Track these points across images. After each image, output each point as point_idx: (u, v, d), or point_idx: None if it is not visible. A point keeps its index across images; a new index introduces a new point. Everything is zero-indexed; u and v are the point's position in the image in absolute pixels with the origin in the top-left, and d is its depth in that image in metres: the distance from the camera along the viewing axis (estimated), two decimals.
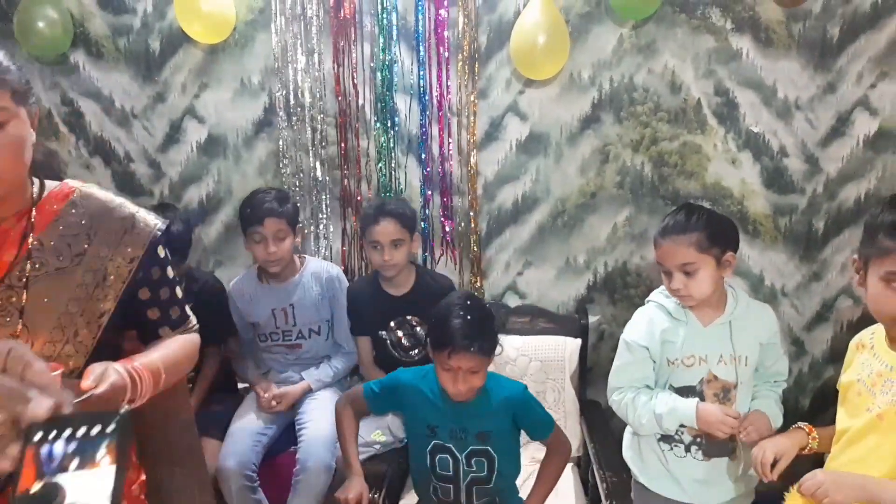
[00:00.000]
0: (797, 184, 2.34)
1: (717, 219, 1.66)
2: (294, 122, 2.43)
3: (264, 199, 2.15)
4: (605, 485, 1.89)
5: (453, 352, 1.55)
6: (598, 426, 2.25)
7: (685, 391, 1.64)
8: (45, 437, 0.48)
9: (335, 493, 1.68)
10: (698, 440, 1.65)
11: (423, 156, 2.40)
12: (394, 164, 2.43)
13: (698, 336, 1.62)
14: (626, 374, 1.69)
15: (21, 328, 1.01)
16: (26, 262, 1.04)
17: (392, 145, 2.41)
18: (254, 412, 2.19)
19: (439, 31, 2.32)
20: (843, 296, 2.41)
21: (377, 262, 2.20)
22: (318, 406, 2.17)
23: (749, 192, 2.37)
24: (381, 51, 2.34)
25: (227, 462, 2.02)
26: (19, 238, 1.06)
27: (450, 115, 2.38)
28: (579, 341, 2.36)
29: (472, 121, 2.37)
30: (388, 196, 2.42)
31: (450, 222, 2.44)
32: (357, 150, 2.43)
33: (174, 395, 1.22)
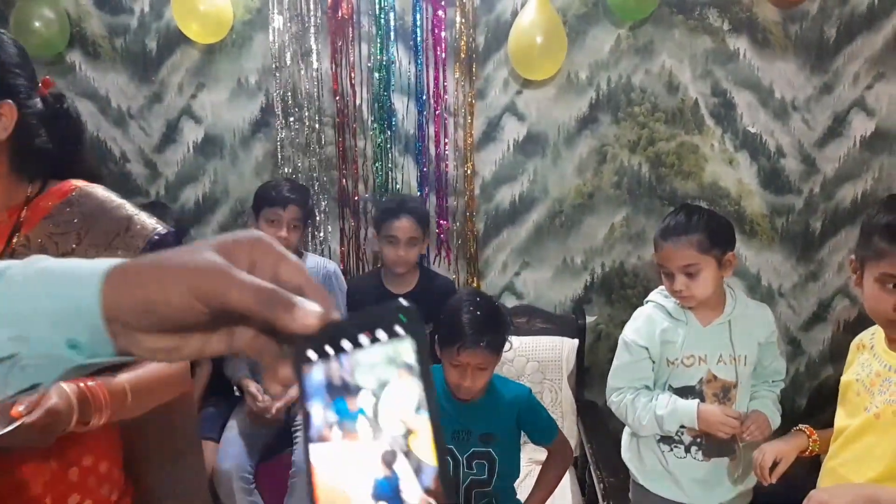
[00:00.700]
0: (794, 184, 2.35)
1: (718, 219, 1.66)
2: (291, 123, 2.42)
3: (289, 186, 2.19)
4: (602, 485, 1.89)
5: (463, 347, 1.55)
6: (596, 426, 2.25)
7: (685, 391, 1.64)
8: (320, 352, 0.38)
9: None
10: (698, 440, 1.65)
11: (420, 156, 2.40)
12: (391, 165, 2.42)
13: (698, 336, 1.62)
14: (625, 374, 1.69)
15: None
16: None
17: (389, 145, 2.41)
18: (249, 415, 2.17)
19: (437, 31, 2.31)
20: (840, 296, 2.41)
21: (391, 257, 2.18)
22: None
23: (746, 192, 2.37)
24: (379, 51, 2.34)
25: (224, 464, 2.02)
26: (6, 235, 1.01)
27: (447, 116, 2.38)
28: (576, 342, 2.36)
29: (470, 121, 2.37)
30: (392, 193, 2.41)
31: (446, 222, 2.44)
32: (354, 150, 2.43)
33: (173, 409, 1.18)
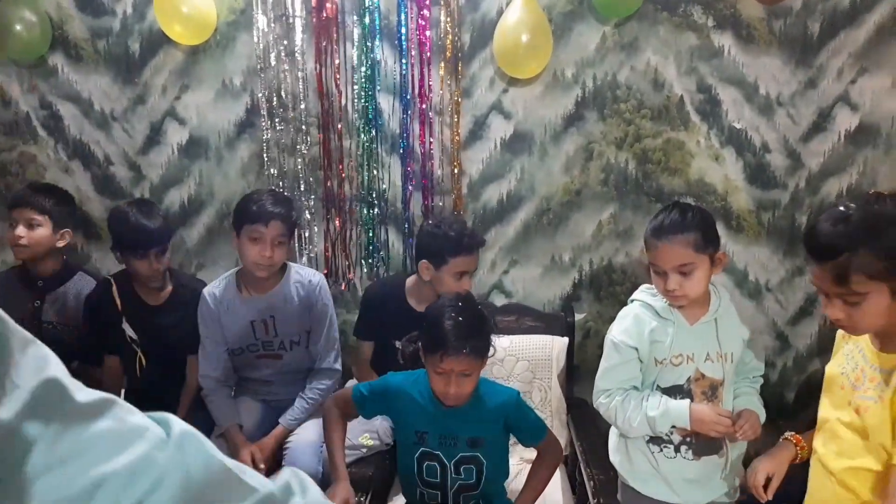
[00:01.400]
0: (780, 179, 2.35)
1: (708, 217, 1.65)
2: (276, 123, 2.41)
3: (271, 200, 2.01)
4: (592, 483, 1.88)
5: (445, 354, 1.53)
6: (586, 424, 2.24)
7: (673, 391, 1.64)
8: None
9: None
10: (688, 440, 1.65)
11: (405, 155, 2.39)
12: (377, 164, 2.41)
13: (686, 335, 1.62)
14: (614, 375, 1.68)
15: None
16: None
17: (375, 145, 2.40)
18: None
19: (422, 30, 2.30)
20: None
21: (450, 287, 2.02)
22: None
23: (732, 187, 2.37)
24: (364, 51, 2.32)
25: None
26: None
27: (433, 115, 2.37)
28: (566, 340, 2.36)
29: (456, 120, 2.36)
30: (370, 198, 2.40)
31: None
32: (340, 150, 2.41)
33: None
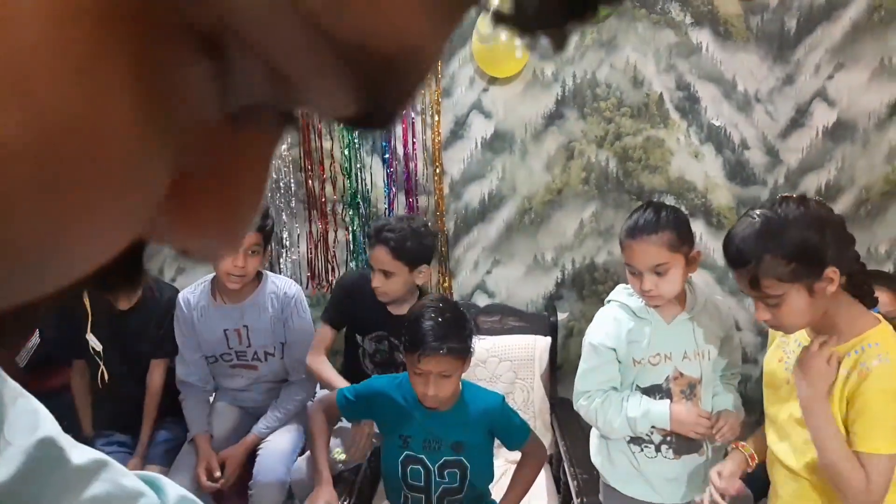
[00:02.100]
0: (759, 176, 2.37)
1: (682, 215, 1.64)
2: None
3: None
4: (575, 482, 1.88)
5: (423, 354, 1.52)
6: (569, 424, 2.24)
7: (652, 390, 1.64)
8: None
9: (304, 502, 1.66)
10: (668, 439, 1.65)
11: (387, 156, 2.38)
12: (359, 165, 2.40)
13: (663, 334, 1.62)
14: (593, 377, 1.67)
15: None
16: None
17: (356, 146, 2.38)
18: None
19: None
20: None
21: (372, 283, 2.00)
22: None
23: (712, 185, 2.38)
24: None
25: (176, 482, 1.96)
26: None
27: (413, 115, 2.36)
28: (549, 339, 2.35)
29: (437, 119, 2.35)
30: (353, 200, 2.38)
31: None
32: (321, 151, 2.39)
33: None
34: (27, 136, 0.12)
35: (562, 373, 2.43)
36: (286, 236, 2.45)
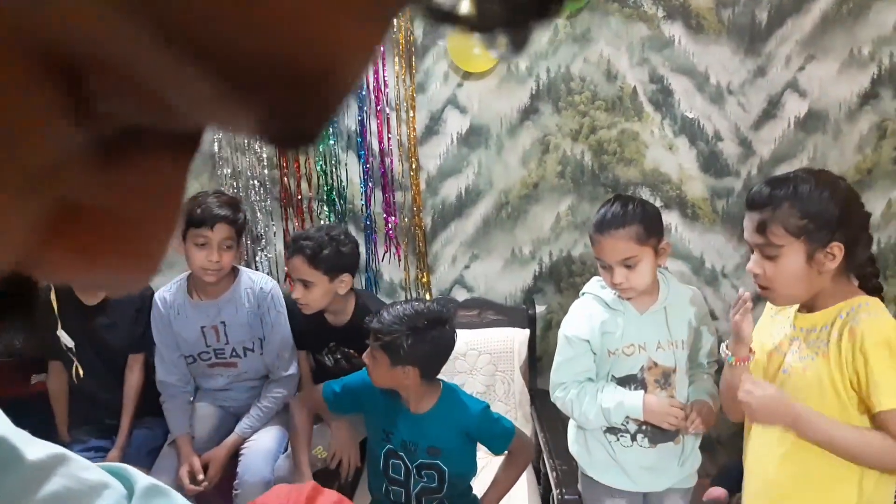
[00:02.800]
0: (732, 167, 2.39)
1: (650, 207, 1.66)
2: None
3: (216, 203, 1.95)
4: (555, 473, 1.90)
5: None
6: (549, 415, 2.25)
7: (627, 380, 1.65)
8: None
9: None
10: (643, 428, 1.67)
11: (362, 152, 2.37)
12: (333, 162, 2.39)
13: (636, 324, 1.64)
14: (568, 369, 1.69)
15: None
16: None
17: (331, 142, 2.37)
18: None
19: None
20: None
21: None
22: None
23: (687, 176, 2.40)
24: None
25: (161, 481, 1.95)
26: None
27: (388, 110, 2.35)
28: (527, 332, 2.37)
29: (412, 115, 2.35)
30: (329, 196, 2.37)
31: (393, 218, 2.42)
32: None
33: None
34: None
35: (541, 365, 2.44)
36: (262, 234, 2.44)
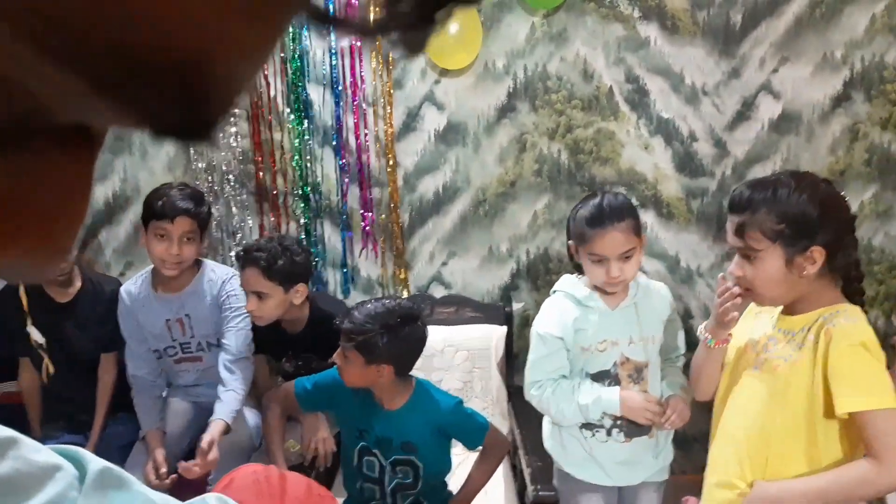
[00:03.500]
0: (707, 167, 2.41)
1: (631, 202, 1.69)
2: None
3: (179, 195, 1.94)
4: (530, 469, 1.90)
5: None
6: (526, 412, 2.24)
7: (600, 376, 1.66)
8: None
9: None
10: (618, 423, 1.68)
11: (339, 148, 2.36)
12: (309, 157, 2.37)
13: (608, 320, 1.65)
14: (542, 367, 1.69)
15: None
16: None
17: (307, 137, 2.36)
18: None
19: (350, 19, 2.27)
20: None
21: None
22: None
23: (662, 176, 2.42)
24: (292, 40, 2.28)
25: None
26: None
27: (365, 106, 2.34)
28: (505, 329, 2.38)
29: (389, 111, 2.34)
30: (304, 192, 2.36)
31: (370, 214, 2.41)
32: (271, 142, 2.36)
33: None
34: None
35: (518, 362, 2.44)
36: (238, 229, 2.42)
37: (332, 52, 2.29)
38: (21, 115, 0.15)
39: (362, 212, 2.41)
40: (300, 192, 2.39)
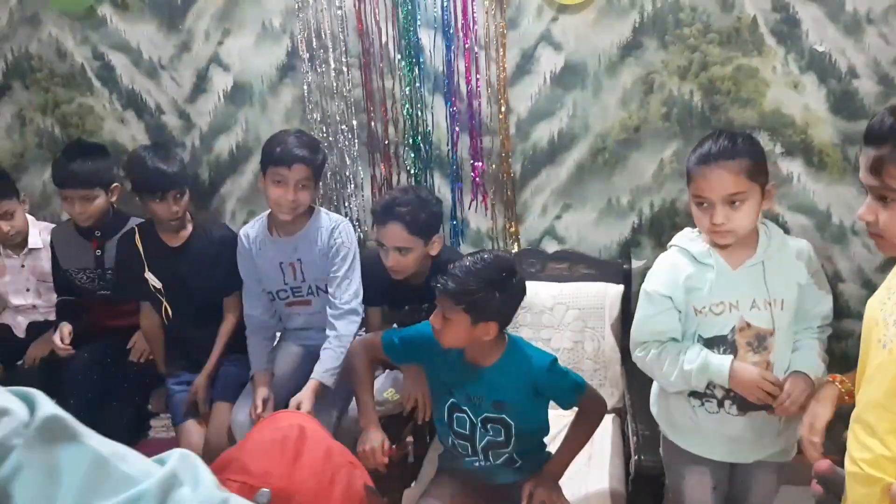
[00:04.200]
0: (869, 108, 2.07)
1: (759, 144, 1.50)
2: (317, 65, 2.34)
3: (296, 142, 1.99)
4: (636, 438, 1.78)
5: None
6: (639, 377, 2.09)
7: (716, 341, 1.49)
8: None
9: (357, 448, 1.64)
10: (731, 394, 1.50)
11: (449, 94, 2.28)
12: (420, 105, 2.31)
13: (727, 280, 1.46)
14: (648, 327, 1.55)
15: None
16: None
17: (418, 84, 2.29)
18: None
19: None
20: None
21: (385, 262, 1.95)
22: None
23: (814, 119, 2.12)
24: None
25: (239, 416, 2.01)
26: None
27: (477, 49, 2.23)
28: (621, 287, 2.23)
29: (502, 54, 2.22)
30: (414, 142, 2.31)
31: (481, 164, 2.32)
32: (382, 91, 2.33)
33: None
34: None
35: None
36: (350, 179, 2.42)
37: None
38: None
39: (472, 162, 2.33)
40: (411, 141, 2.34)
